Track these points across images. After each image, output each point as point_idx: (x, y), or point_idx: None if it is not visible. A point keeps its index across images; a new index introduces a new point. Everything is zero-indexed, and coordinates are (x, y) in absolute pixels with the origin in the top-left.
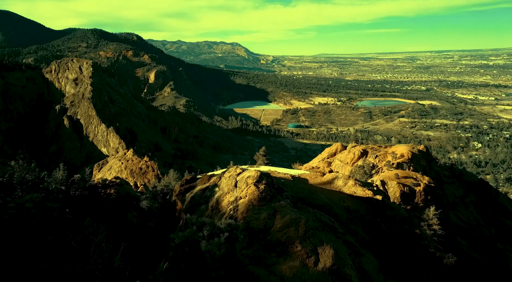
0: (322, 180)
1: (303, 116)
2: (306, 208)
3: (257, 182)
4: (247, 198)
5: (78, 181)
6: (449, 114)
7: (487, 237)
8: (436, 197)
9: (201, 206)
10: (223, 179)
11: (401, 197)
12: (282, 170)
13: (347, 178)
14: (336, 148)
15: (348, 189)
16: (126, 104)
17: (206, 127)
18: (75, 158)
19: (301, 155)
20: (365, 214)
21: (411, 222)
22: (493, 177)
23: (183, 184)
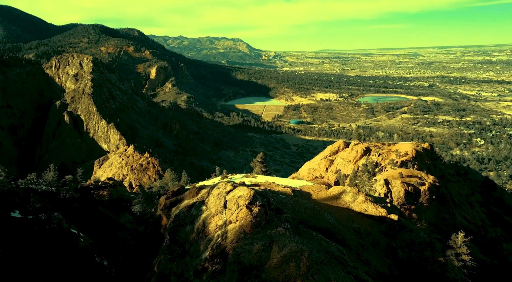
0: (328, 194)
1: (304, 112)
2: (309, 233)
3: (250, 203)
4: (238, 223)
5: (70, 182)
6: (451, 111)
7: (493, 237)
8: (441, 197)
9: (186, 227)
10: (210, 197)
11: (405, 196)
12: (282, 181)
13: (357, 192)
14: (338, 145)
15: (358, 205)
16: (126, 100)
17: (207, 123)
18: (75, 154)
19: (303, 151)
20: (379, 238)
21: (433, 247)
22: (496, 174)
23: (169, 196)
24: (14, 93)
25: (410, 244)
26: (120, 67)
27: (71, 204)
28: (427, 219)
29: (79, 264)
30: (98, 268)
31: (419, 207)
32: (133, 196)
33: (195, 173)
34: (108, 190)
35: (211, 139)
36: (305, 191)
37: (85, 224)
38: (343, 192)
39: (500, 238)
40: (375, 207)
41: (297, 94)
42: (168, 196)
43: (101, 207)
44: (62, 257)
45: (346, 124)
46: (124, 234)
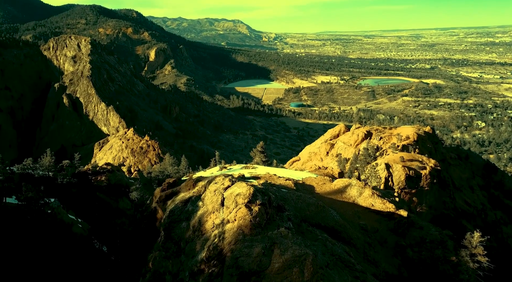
0: (332, 188)
1: (305, 95)
2: (313, 232)
3: (249, 202)
4: (236, 223)
5: (67, 167)
6: (453, 93)
7: (493, 220)
8: (442, 181)
9: (181, 223)
10: (207, 193)
11: (406, 180)
12: (283, 173)
13: (363, 186)
14: (339, 129)
15: (364, 200)
16: (126, 83)
17: (207, 106)
18: (75, 136)
19: (303, 135)
20: (387, 235)
21: (445, 245)
22: (496, 156)
23: (165, 188)
24: (12, 75)
25: (420, 242)
26: (119, 49)
27: (69, 190)
28: (428, 203)
29: (77, 250)
30: (97, 253)
31: (420, 191)
32: (132, 182)
33: (195, 156)
34: (106, 175)
35: (211, 122)
36: (308, 184)
37: (83, 209)
38: (348, 186)
39: (500, 221)
40: (382, 201)
41: (297, 77)
42: (163, 188)
43: (99, 193)
44: (59, 243)
45: (347, 107)
46: (122, 220)
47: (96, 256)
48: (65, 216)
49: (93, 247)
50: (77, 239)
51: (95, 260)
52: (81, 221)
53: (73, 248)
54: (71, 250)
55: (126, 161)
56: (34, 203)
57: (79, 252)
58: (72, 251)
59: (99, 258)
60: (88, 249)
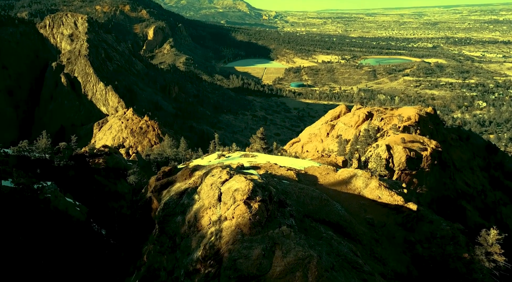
0: (336, 178)
1: (306, 75)
2: (317, 228)
3: (248, 198)
4: (234, 221)
5: (64, 149)
6: (455, 73)
7: (492, 201)
8: (442, 162)
9: (176, 217)
10: (203, 186)
11: (407, 162)
12: (284, 162)
13: (369, 176)
14: (340, 110)
15: (371, 192)
16: (124, 62)
17: (206, 86)
18: (74, 116)
19: (303, 115)
20: (395, 230)
21: (457, 241)
22: (496, 137)
23: (160, 178)
24: (8, 54)
25: (430, 238)
26: (116, 28)
27: (66, 172)
28: (428, 184)
29: (73, 234)
30: (95, 237)
31: (420, 172)
32: (130, 164)
33: (195, 137)
34: (104, 157)
35: (210, 102)
36: (311, 174)
37: (81, 192)
38: (354, 176)
39: (499, 202)
40: (390, 194)
41: (298, 56)
42: (158, 177)
43: (97, 175)
44: (52, 228)
45: (348, 87)
46: (120, 203)
47: (94, 240)
48: (62, 199)
49: (92, 231)
50: (73, 223)
51: (94, 243)
52: (79, 204)
53: (70, 232)
54: (67, 234)
55: (125, 141)
56: (27, 189)
57: (76, 236)
58: (68, 235)
59: (98, 241)
60: (86, 233)
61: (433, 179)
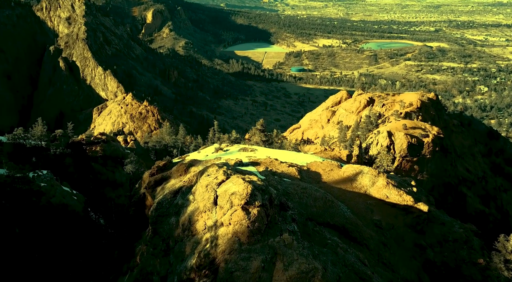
0: (340, 175)
1: (306, 59)
2: (321, 233)
3: (247, 203)
4: (231, 228)
5: (60, 137)
6: (457, 57)
7: (493, 188)
8: (444, 149)
9: (170, 218)
10: (198, 187)
11: (408, 148)
12: (286, 157)
13: (376, 174)
14: (341, 96)
15: (378, 191)
16: (122, 46)
17: (206, 71)
18: (73, 101)
19: (303, 101)
20: (404, 233)
21: (471, 245)
22: (497, 122)
23: (154, 173)
24: (5, 37)
25: (442, 241)
26: (115, 11)
27: (62, 160)
28: (429, 170)
29: (68, 225)
30: (93, 226)
31: (422, 159)
32: (128, 152)
33: (195, 122)
34: (101, 145)
35: (210, 87)
36: (314, 171)
37: (78, 181)
38: (360, 173)
39: (500, 188)
40: (398, 193)
41: (299, 40)
42: (152, 172)
43: (94, 163)
44: (46, 220)
45: (349, 72)
46: (118, 192)
47: (91, 230)
48: (59, 188)
49: (89, 220)
50: (69, 214)
51: (91, 234)
52: (76, 193)
53: (65, 224)
54: (62, 226)
55: (125, 126)
56: (18, 180)
57: (72, 227)
58: (64, 228)
59: (95, 231)
60: (83, 224)
61: (434, 166)
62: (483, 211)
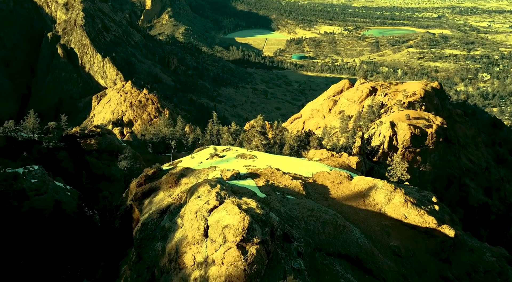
0: (351, 190)
1: (307, 46)
2: (332, 268)
3: (243, 240)
4: (224, 269)
5: (53, 129)
6: (459, 44)
7: (496, 179)
8: (447, 139)
9: (156, 243)
10: (187, 211)
11: (411, 139)
12: (288, 165)
13: (392, 189)
14: (343, 85)
15: (395, 210)
16: (121, 33)
17: (206, 58)
18: (72, 89)
19: (304, 89)
20: (426, 261)
21: (506, 278)
22: (499, 110)
23: (142, 183)
24: (2, 23)
25: (471, 272)
26: None
27: (56, 154)
28: (432, 162)
29: (59, 222)
30: (88, 224)
31: (425, 150)
32: (124, 145)
33: (194, 110)
34: (96, 138)
35: (210, 75)
36: (320, 184)
37: (73, 175)
38: (373, 188)
39: (503, 179)
40: (419, 213)
41: (300, 26)
42: (140, 182)
43: (89, 157)
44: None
45: (350, 59)
46: (114, 187)
47: (85, 230)
48: (51, 184)
49: (83, 217)
50: (62, 213)
51: (85, 230)
52: (70, 189)
53: (56, 226)
54: (52, 229)
55: (125, 115)
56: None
57: (65, 229)
58: (54, 231)
59: (89, 230)
60: (76, 223)
61: (438, 157)
62: (486, 202)
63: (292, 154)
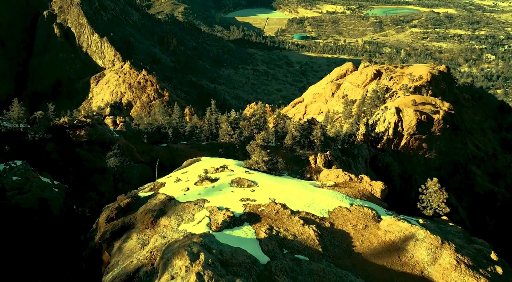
0: (381, 239)
1: (309, 26)
2: None
3: None
4: None
5: (40, 119)
6: (464, 24)
7: (503, 166)
8: (454, 126)
9: None
10: None
11: (417, 126)
12: (297, 198)
13: (438, 243)
14: (346, 68)
15: (443, 274)
16: (119, 12)
17: (206, 38)
18: (70, 69)
19: (306, 70)
20: None
21: None
22: (504, 92)
23: (113, 217)
24: None
25: None
26: None
27: (43, 147)
28: (438, 148)
29: (46, 229)
30: (73, 218)
31: (431, 137)
32: (116, 136)
33: (194, 92)
34: (86, 129)
35: (210, 56)
36: (340, 229)
37: (62, 169)
38: (411, 239)
39: (510, 166)
40: (478, 280)
41: (301, 6)
42: (111, 217)
43: (79, 149)
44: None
45: (352, 40)
46: (107, 182)
47: (72, 222)
48: (36, 180)
49: (72, 214)
50: (45, 212)
51: (70, 226)
52: (57, 184)
53: (39, 229)
54: (33, 232)
55: (124, 96)
56: None
57: (48, 223)
58: (35, 234)
59: (77, 223)
60: (63, 218)
61: (444, 143)
62: (492, 189)
63: (298, 163)
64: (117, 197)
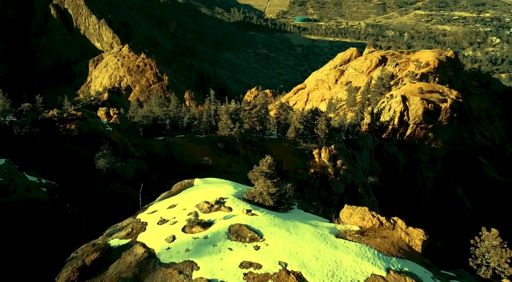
0: None
1: (311, 8)
2: None
3: None
4: None
5: (27, 112)
6: (469, 6)
7: (511, 155)
8: (462, 114)
9: None
10: None
11: (424, 115)
12: (316, 261)
13: None
14: (350, 53)
15: None
16: None
17: (206, 20)
18: (68, 52)
19: (308, 53)
20: None
21: None
22: (508, 76)
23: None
24: None
25: None
26: None
27: (31, 141)
28: (444, 138)
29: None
30: (61, 219)
31: (437, 126)
32: (110, 129)
33: (194, 76)
34: (77, 123)
35: (210, 39)
36: None
37: (51, 165)
38: None
39: None
40: None
41: None
42: (72, 280)
43: (70, 144)
44: None
45: (355, 22)
46: (97, 175)
47: (60, 222)
48: (21, 180)
49: (61, 215)
50: (30, 215)
51: (58, 227)
52: (45, 182)
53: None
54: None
55: (123, 80)
56: None
57: (34, 226)
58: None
59: (64, 223)
60: (57, 213)
61: (450, 133)
62: (499, 180)
63: (301, 157)
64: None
